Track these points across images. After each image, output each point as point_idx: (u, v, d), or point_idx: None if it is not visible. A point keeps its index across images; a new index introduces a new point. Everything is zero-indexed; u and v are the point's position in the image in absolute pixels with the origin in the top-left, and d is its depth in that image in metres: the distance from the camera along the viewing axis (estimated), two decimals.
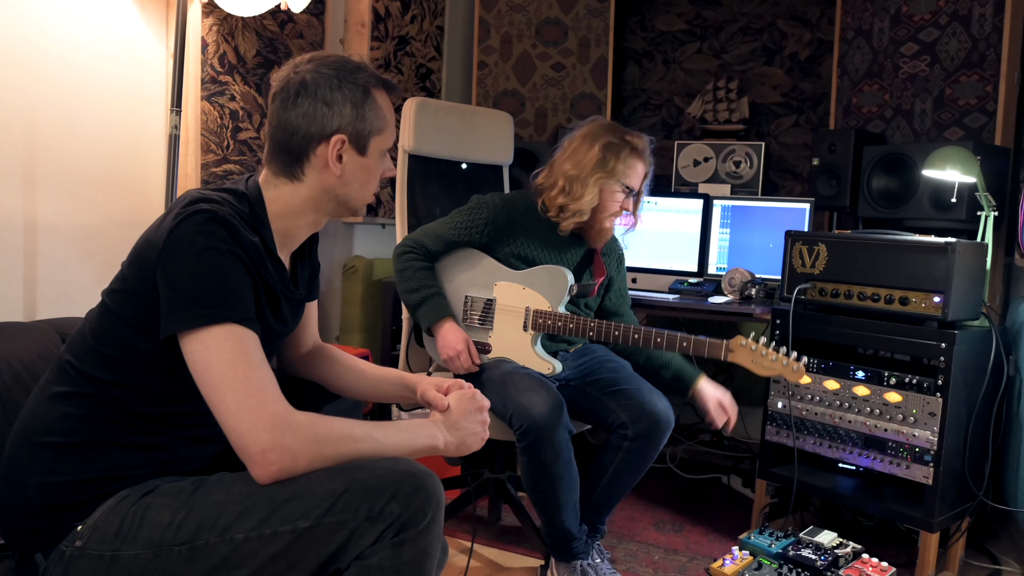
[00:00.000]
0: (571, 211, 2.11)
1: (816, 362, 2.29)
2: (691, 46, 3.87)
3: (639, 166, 2.13)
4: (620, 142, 2.11)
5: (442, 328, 2.14)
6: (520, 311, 2.14)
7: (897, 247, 2.15)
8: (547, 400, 1.93)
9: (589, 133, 2.13)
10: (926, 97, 2.99)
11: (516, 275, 2.17)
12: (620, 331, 2.04)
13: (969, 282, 2.12)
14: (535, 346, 2.13)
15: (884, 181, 2.77)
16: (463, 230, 2.18)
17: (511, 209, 2.18)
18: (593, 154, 2.09)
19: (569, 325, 2.09)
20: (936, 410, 2.06)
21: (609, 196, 2.12)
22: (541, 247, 2.19)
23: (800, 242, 2.34)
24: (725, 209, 3.10)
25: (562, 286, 2.13)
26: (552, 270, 2.16)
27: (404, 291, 2.19)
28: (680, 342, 2.00)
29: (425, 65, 3.51)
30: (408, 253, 2.20)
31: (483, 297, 2.20)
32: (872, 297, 2.18)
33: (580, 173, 2.09)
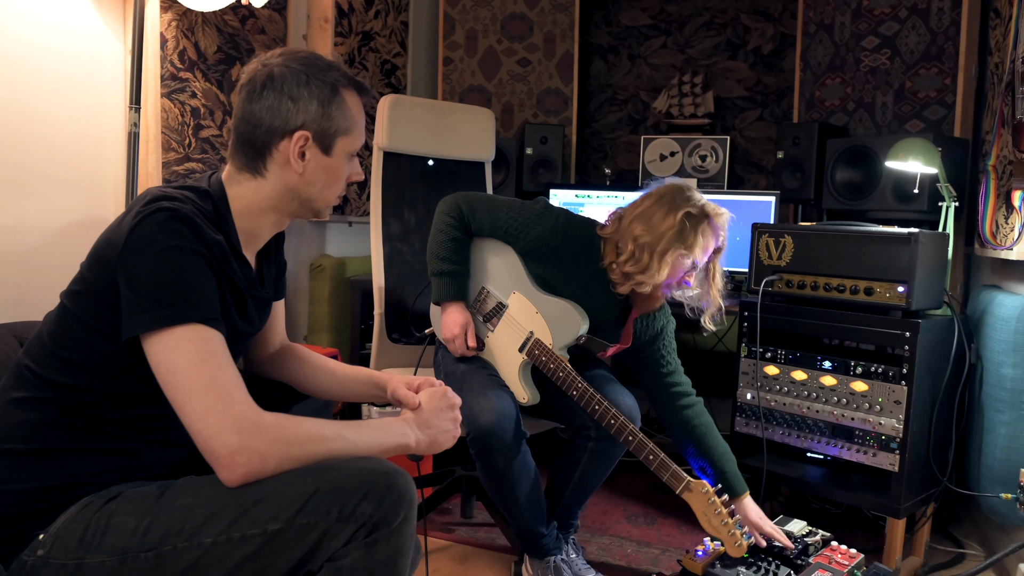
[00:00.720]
0: (638, 281, 1.93)
1: (784, 353, 2.32)
2: (656, 41, 3.89)
3: (712, 237, 1.95)
4: (700, 214, 1.92)
5: (449, 307, 2.09)
6: (523, 331, 2.06)
7: (861, 238, 2.17)
8: (497, 407, 1.89)
9: (666, 196, 1.95)
10: (887, 90, 3.03)
11: (536, 296, 2.05)
12: (600, 407, 1.92)
13: (932, 272, 2.15)
14: (521, 371, 2.06)
15: (847, 173, 2.81)
16: (513, 229, 2.06)
17: (568, 236, 2.03)
18: (672, 222, 1.89)
19: (559, 372, 1.97)
20: (901, 398, 2.09)
21: (677, 269, 1.94)
22: (576, 287, 2.05)
23: (767, 234, 2.36)
24: None
25: (572, 330, 2.00)
26: (570, 309, 2.01)
27: (433, 254, 2.10)
28: (648, 454, 1.88)
29: (390, 61, 3.49)
30: (450, 216, 2.10)
31: (498, 297, 2.13)
32: (838, 288, 2.21)
33: (654, 243, 1.90)
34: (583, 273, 2.04)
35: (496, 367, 2.09)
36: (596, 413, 1.93)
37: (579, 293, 2.05)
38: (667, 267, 1.90)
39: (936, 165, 2.22)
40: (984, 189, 2.13)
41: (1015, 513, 2.09)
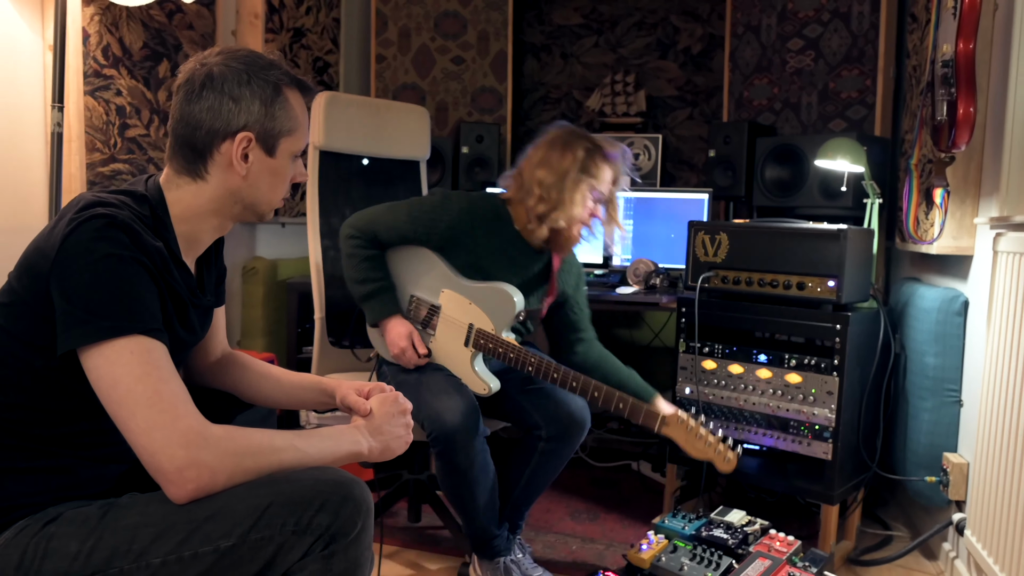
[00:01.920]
0: (553, 219, 2.00)
1: (721, 348, 2.37)
2: (588, 40, 3.93)
3: (612, 172, 2.06)
4: (596, 146, 2.03)
5: (388, 323, 2.09)
6: (463, 326, 2.07)
7: (793, 235, 2.24)
8: (460, 406, 1.90)
9: (559, 139, 2.04)
10: (812, 90, 3.14)
11: (465, 287, 2.08)
12: (560, 374, 1.97)
13: (859, 266, 2.24)
14: (474, 363, 2.06)
15: (776, 171, 2.89)
16: (421, 227, 2.06)
17: (475, 214, 2.07)
18: (572, 157, 1.99)
19: (510, 354, 2.01)
20: (833, 389, 2.16)
21: (584, 202, 2.03)
22: (499, 258, 2.09)
23: (703, 232, 2.41)
24: (628, 201, 3.16)
25: (509, 311, 2.03)
26: (502, 291, 2.03)
27: (352, 280, 2.10)
28: (617, 402, 1.94)
29: (322, 58, 3.43)
30: (356, 239, 2.10)
31: (429, 301, 2.13)
32: (771, 283, 2.27)
33: (561, 177, 1.98)
34: (501, 244, 2.09)
35: (449, 368, 2.09)
36: (557, 380, 1.98)
37: (504, 265, 2.10)
38: (579, 198, 2.00)
39: (862, 164, 2.31)
40: (907, 187, 2.22)
41: (939, 495, 2.20)
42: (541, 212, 2.02)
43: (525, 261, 2.13)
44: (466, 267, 2.10)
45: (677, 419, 1.92)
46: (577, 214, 2.02)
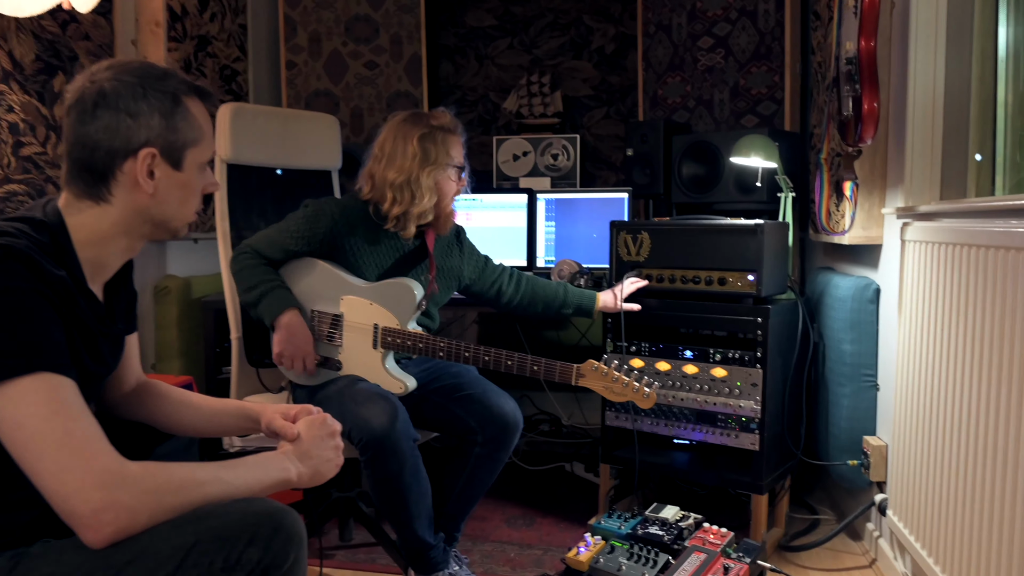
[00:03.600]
0: (414, 216, 2.05)
1: (647, 346, 2.40)
2: (502, 41, 3.92)
3: (457, 142, 2.13)
4: (431, 129, 2.07)
5: (283, 319, 2.02)
6: (368, 328, 2.06)
7: (712, 231, 2.28)
8: (386, 410, 1.88)
9: (397, 133, 2.07)
10: (723, 87, 3.21)
11: (363, 289, 2.07)
12: (471, 352, 1.99)
13: (776, 259, 2.30)
14: (386, 363, 2.05)
15: (693, 168, 2.94)
16: (302, 239, 2.06)
17: (350, 215, 2.08)
18: (412, 151, 2.03)
19: (419, 344, 2.02)
20: (757, 381, 2.21)
21: (445, 183, 2.09)
22: (383, 250, 2.12)
23: (624, 231, 2.43)
24: (549, 203, 3.17)
25: (409, 302, 2.05)
26: (400, 285, 2.06)
27: (243, 290, 2.06)
28: (531, 365, 1.97)
29: (230, 66, 3.32)
30: (244, 255, 2.08)
31: (331, 312, 2.10)
32: (693, 280, 2.31)
33: (408, 176, 2.03)
34: (379, 242, 2.11)
35: (363, 376, 2.06)
36: (469, 359, 2.01)
37: (390, 261, 2.13)
38: (430, 188, 2.05)
39: (775, 159, 2.37)
40: (818, 180, 2.30)
41: (861, 477, 2.27)
42: (398, 213, 2.05)
43: (407, 254, 2.16)
44: (358, 269, 2.10)
45: (591, 368, 1.97)
46: (439, 202, 2.09)
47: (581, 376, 1.95)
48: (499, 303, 2.37)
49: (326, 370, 2.09)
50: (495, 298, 2.36)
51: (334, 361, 2.08)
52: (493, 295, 2.35)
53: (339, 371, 2.08)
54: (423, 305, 2.07)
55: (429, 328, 2.23)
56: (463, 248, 2.30)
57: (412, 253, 2.16)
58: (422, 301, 2.06)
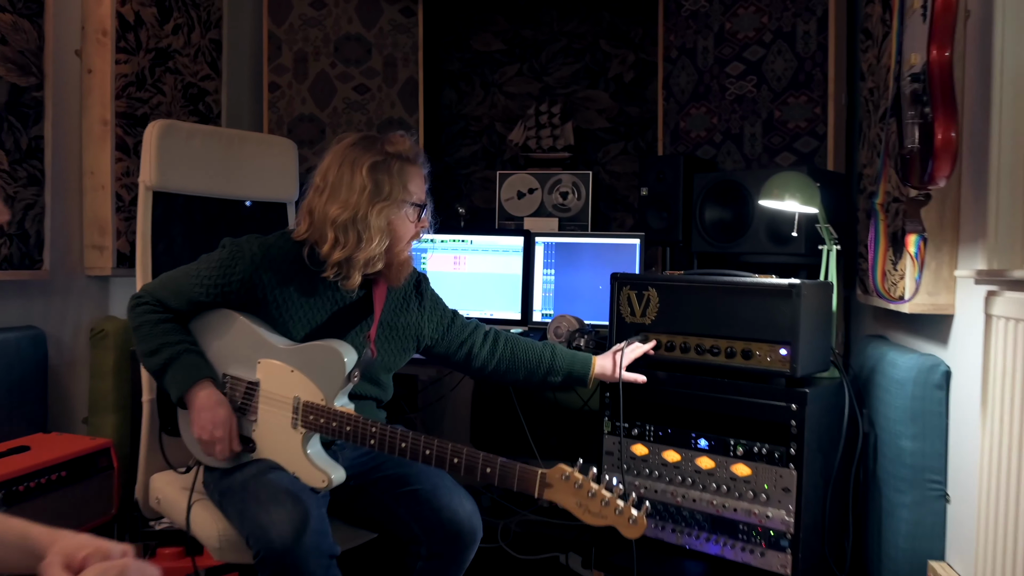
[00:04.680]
0: (359, 263, 1.63)
1: (653, 429, 1.93)
2: (511, 68, 3.54)
3: (417, 174, 1.71)
4: (385, 156, 1.65)
5: (199, 395, 1.61)
6: (288, 402, 1.63)
7: (735, 291, 1.82)
8: (293, 516, 1.46)
9: (344, 159, 1.66)
10: (755, 120, 2.76)
11: (285, 351, 1.65)
12: (408, 442, 1.54)
13: (817, 329, 1.83)
14: (307, 448, 1.61)
15: (717, 212, 2.49)
16: (214, 287, 1.65)
17: (276, 259, 1.66)
18: (360, 183, 1.62)
19: (345, 427, 1.58)
20: (791, 484, 1.73)
21: (400, 224, 1.68)
22: (318, 303, 1.70)
23: (628, 287, 1.98)
24: (548, 247, 2.73)
25: (337, 371, 1.61)
26: (325, 349, 1.63)
27: (144, 353, 1.65)
28: (483, 466, 1.50)
29: (196, 85, 2.95)
30: (143, 305, 1.68)
31: (245, 378, 1.68)
32: (711, 350, 1.85)
33: (354, 213, 1.61)
34: (314, 292, 1.69)
35: (279, 462, 1.61)
36: (407, 451, 1.55)
37: (324, 316, 1.69)
38: (381, 230, 1.63)
39: (815, 203, 1.91)
40: (872, 231, 1.83)
41: None
42: (338, 259, 1.62)
43: (345, 307, 1.72)
44: (283, 326, 1.68)
45: (561, 476, 1.45)
46: (392, 247, 1.68)
47: (547, 486, 1.46)
48: (470, 368, 1.93)
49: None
50: (464, 362, 1.92)
51: (247, 440, 1.65)
52: (462, 358, 1.91)
53: (253, 453, 1.64)
54: (356, 375, 1.62)
55: (379, 399, 1.80)
56: (423, 301, 1.86)
57: (354, 307, 1.73)
58: (355, 370, 1.62)
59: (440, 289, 1.95)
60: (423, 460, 1.52)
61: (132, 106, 2.57)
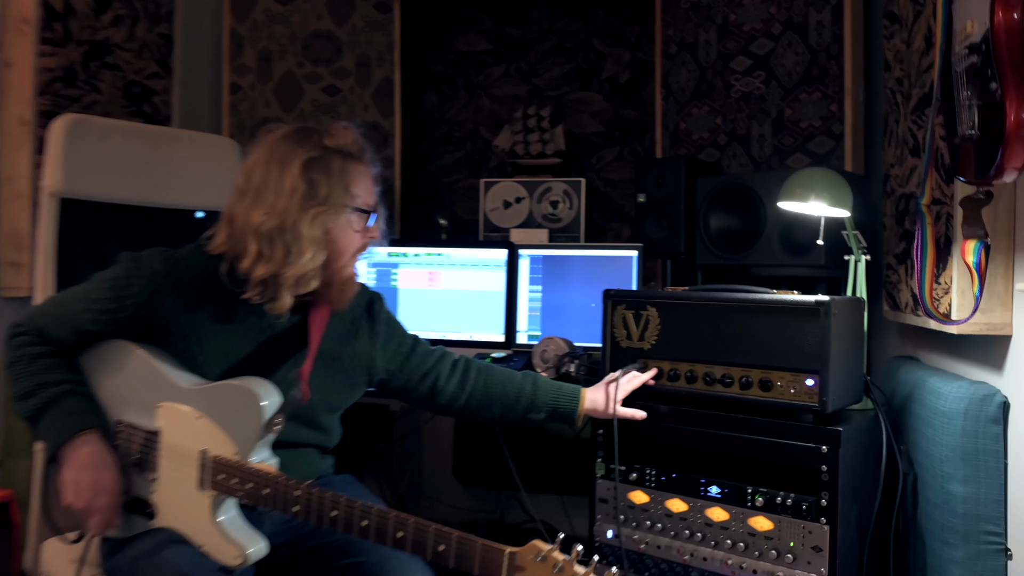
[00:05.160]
0: (288, 281, 1.33)
1: (654, 474, 1.64)
2: (496, 69, 3.27)
3: (363, 173, 1.41)
4: (322, 152, 1.36)
5: (79, 451, 1.30)
6: (194, 456, 1.32)
7: (751, 309, 1.54)
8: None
9: (272, 155, 1.36)
10: (763, 119, 2.49)
11: (191, 393, 1.34)
12: (341, 510, 1.22)
13: (849, 353, 1.54)
14: (218, 515, 1.30)
15: (724, 220, 2.21)
16: (103, 313, 1.35)
17: (184, 277, 1.37)
18: (290, 184, 1.33)
19: (262, 490, 1.26)
20: (822, 542, 1.44)
21: (341, 234, 1.38)
22: (239, 333, 1.40)
23: (623, 305, 1.70)
24: (535, 261, 2.45)
25: (254, 419, 1.29)
26: (240, 391, 1.32)
27: (17, 395, 1.35)
28: (433, 543, 1.15)
29: (141, 83, 2.67)
30: (21, 336, 1.38)
31: (143, 426, 1.38)
32: (723, 380, 1.56)
33: (282, 221, 1.32)
34: (233, 318, 1.39)
35: (185, 532, 1.31)
36: (338, 522, 1.22)
37: (248, 348, 1.39)
38: (315, 242, 1.33)
39: (846, 205, 1.62)
40: (919, 237, 1.54)
41: None
42: (263, 276, 1.32)
43: (272, 328, 1.42)
44: (193, 360, 1.38)
45: (533, 556, 1.09)
46: (331, 263, 1.38)
47: (518, 569, 1.13)
48: (434, 404, 1.63)
49: (136, 516, 1.36)
50: (428, 398, 1.62)
51: (144, 503, 1.35)
52: (424, 393, 1.62)
53: (152, 521, 1.34)
54: (278, 423, 1.32)
55: (322, 446, 1.50)
56: (376, 326, 1.57)
57: (286, 336, 1.44)
58: (276, 416, 1.31)
59: (413, 309, 1.67)
60: (359, 534, 1.21)
61: (59, 104, 2.29)
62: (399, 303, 2.47)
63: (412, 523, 1.15)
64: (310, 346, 1.40)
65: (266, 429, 1.29)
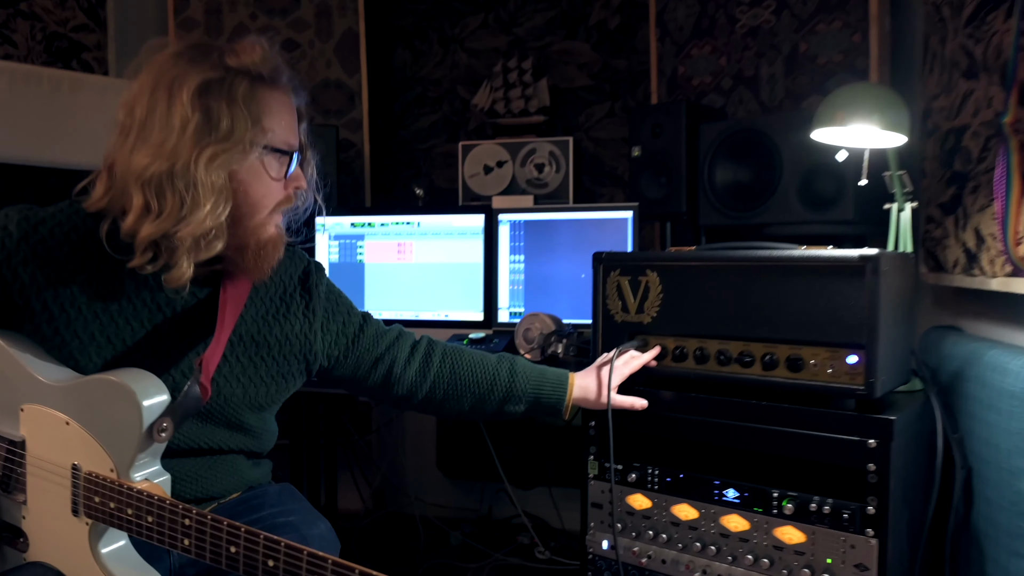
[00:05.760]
0: (186, 242, 1.03)
1: (658, 474, 1.35)
2: (473, 19, 2.96)
3: (282, 103, 1.10)
4: (224, 73, 1.05)
5: None
6: (65, 473, 1.03)
7: (776, 269, 1.24)
8: None
9: (159, 82, 1.04)
10: (774, 57, 2.18)
11: (58, 391, 1.04)
12: (240, 546, 0.93)
13: (899, 323, 1.24)
14: (100, 548, 1.01)
15: (732, 172, 1.91)
16: None
17: (43, 240, 1.07)
18: (181, 116, 1.02)
19: (145, 517, 0.97)
20: (868, 559, 1.15)
21: (253, 180, 1.08)
22: (126, 312, 1.10)
23: (617, 271, 1.40)
24: (516, 227, 2.15)
25: (132, 424, 1.00)
26: (112, 387, 1.01)
27: None
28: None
29: (67, 36, 2.35)
30: None
31: (6, 435, 1.08)
32: (741, 359, 1.26)
33: (173, 163, 1.01)
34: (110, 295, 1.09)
35: (61, 568, 1.02)
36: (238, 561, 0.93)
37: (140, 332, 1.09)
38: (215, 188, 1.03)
39: (901, 126, 1.30)
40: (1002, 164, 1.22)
41: None
42: (151, 236, 1.02)
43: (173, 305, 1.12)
44: (65, 349, 1.07)
45: None
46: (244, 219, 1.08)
47: None
48: (390, 396, 1.34)
49: (8, 548, 1.07)
50: (382, 388, 1.33)
51: (17, 531, 1.06)
52: (377, 383, 1.32)
53: (24, 553, 1.05)
54: (165, 429, 1.01)
55: (250, 451, 1.21)
56: (313, 302, 1.27)
57: (190, 317, 1.14)
58: (162, 420, 1.01)
59: (381, 286, 1.36)
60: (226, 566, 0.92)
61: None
62: (365, 280, 2.17)
63: (331, 564, 0.85)
64: (218, 327, 1.10)
65: (148, 437, 0.98)
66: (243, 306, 1.14)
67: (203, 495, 1.12)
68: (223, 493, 1.16)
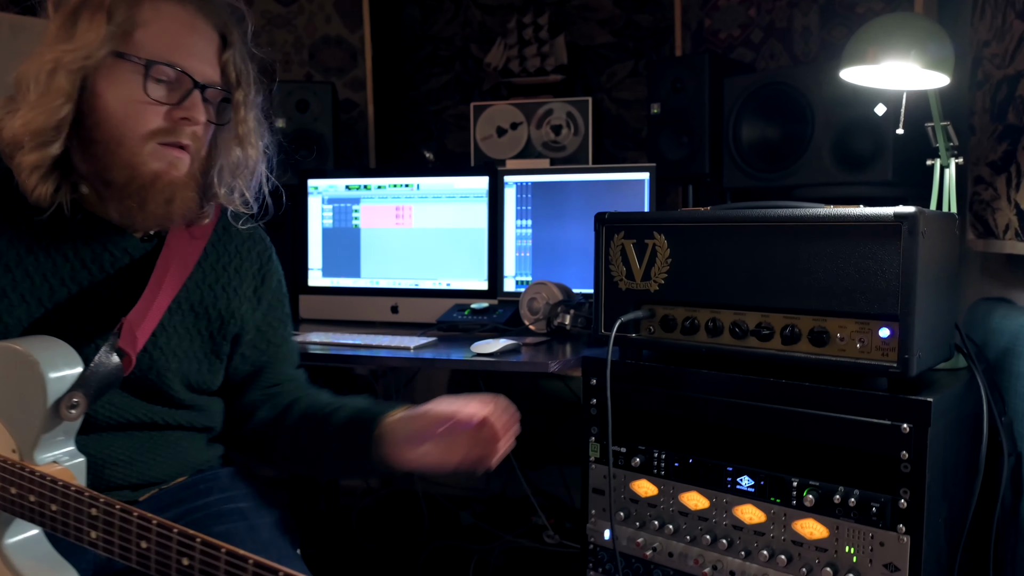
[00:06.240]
0: (20, 135, 0.92)
1: (664, 457, 1.21)
2: None
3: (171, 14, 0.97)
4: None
5: None
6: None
7: (799, 230, 1.09)
8: None
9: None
10: (809, 6, 2.00)
11: None
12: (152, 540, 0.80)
13: (939, 293, 1.09)
14: (3, 537, 0.89)
15: (759, 129, 1.76)
16: None
17: None
18: (56, 23, 0.94)
19: (48, 506, 0.84)
20: (899, 558, 1.01)
21: (115, 93, 0.94)
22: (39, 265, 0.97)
23: (621, 233, 1.26)
24: (523, 189, 2.01)
25: (36, 396, 0.87)
26: (17, 355, 0.88)
27: None
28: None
29: None
30: None
31: None
32: (759, 331, 1.12)
33: (40, 69, 0.92)
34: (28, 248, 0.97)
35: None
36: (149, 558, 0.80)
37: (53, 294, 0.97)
38: (57, 92, 0.91)
39: (944, 66, 1.13)
40: None
41: None
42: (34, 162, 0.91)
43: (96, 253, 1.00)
44: None
45: None
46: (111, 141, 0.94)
47: None
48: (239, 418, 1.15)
49: None
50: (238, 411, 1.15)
51: None
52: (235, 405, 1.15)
53: None
54: (76, 405, 0.88)
55: (198, 426, 1.09)
56: (261, 292, 1.13)
57: (125, 276, 1.01)
58: (73, 395, 0.88)
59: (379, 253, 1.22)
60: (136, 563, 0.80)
61: None
62: (361, 247, 2.05)
63: (251, 564, 0.73)
64: (151, 285, 0.97)
65: (55, 413, 0.87)
66: (191, 269, 1.02)
67: (140, 480, 1.00)
68: (166, 477, 1.04)
